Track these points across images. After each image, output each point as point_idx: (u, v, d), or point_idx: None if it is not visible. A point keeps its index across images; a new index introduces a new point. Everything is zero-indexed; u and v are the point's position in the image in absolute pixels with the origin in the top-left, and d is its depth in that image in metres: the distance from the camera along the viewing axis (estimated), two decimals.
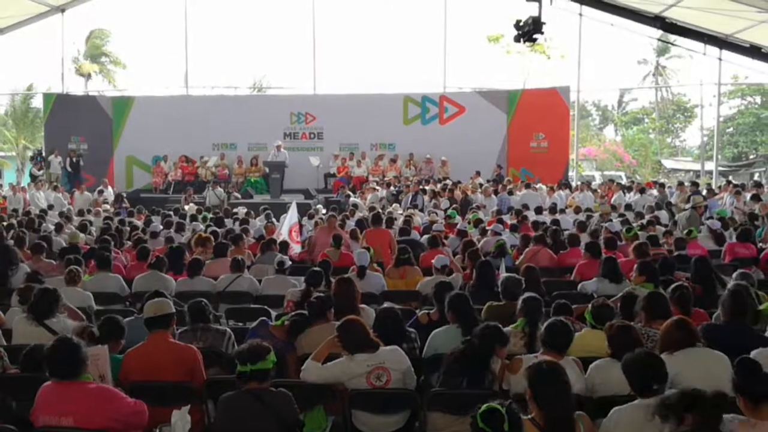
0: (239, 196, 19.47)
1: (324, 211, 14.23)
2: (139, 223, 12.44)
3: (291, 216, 10.04)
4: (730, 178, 25.69)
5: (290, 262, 8.14)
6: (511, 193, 16.60)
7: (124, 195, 18.45)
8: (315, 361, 4.27)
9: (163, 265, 7.48)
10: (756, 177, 29.50)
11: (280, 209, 14.53)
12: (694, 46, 16.33)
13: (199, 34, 36.73)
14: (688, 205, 12.66)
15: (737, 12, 15.94)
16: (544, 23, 12.34)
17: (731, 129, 39.34)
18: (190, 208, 15.45)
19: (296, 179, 20.21)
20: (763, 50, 7.61)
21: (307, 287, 6.27)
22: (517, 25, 12.71)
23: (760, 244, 9.55)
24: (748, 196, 14.71)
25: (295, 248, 9.52)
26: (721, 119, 28.83)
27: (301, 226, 10.77)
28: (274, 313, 6.08)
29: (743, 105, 40.51)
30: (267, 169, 20.05)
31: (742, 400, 3.26)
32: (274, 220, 12.70)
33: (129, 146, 22.49)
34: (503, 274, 6.55)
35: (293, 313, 5.19)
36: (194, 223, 12.35)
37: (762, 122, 39.46)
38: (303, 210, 13.56)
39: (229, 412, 3.69)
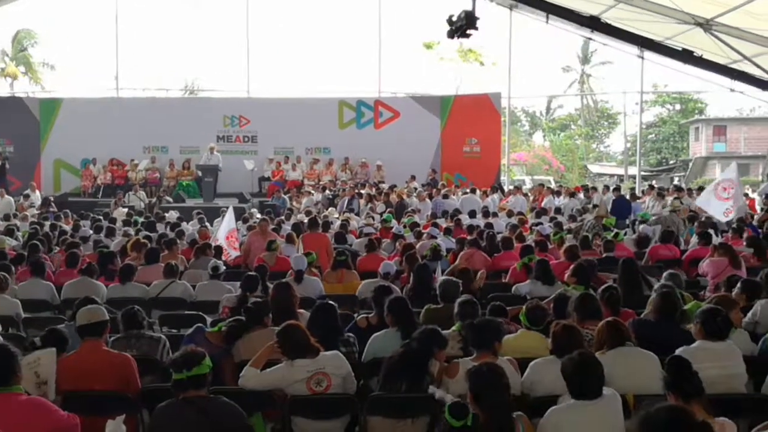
0: (171, 200, 19.05)
1: (259, 215, 14.06)
2: (68, 228, 11.99)
3: (228, 221, 9.88)
4: (653, 182, 26.80)
5: (224, 267, 8.00)
6: (446, 196, 16.82)
7: (52, 199, 17.75)
8: (254, 368, 4.20)
9: (94, 272, 7.25)
10: (676, 181, 30.90)
11: (214, 213, 14.31)
12: (628, 50, 16.84)
13: (129, 36, 35.65)
14: (665, 210, 13.06)
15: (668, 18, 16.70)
16: (478, 18, 12.35)
17: (653, 135, 41.13)
18: (119, 212, 15.00)
19: (230, 183, 19.99)
20: (694, 54, 8.01)
21: (243, 292, 6.18)
22: (450, 21, 12.75)
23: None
24: (670, 199, 15.38)
25: (232, 253, 9.38)
26: (643, 126, 30.04)
27: (237, 231, 10.62)
28: (209, 320, 5.97)
29: (664, 113, 42.40)
30: (200, 173, 19.77)
31: (673, 397, 3.40)
32: (207, 224, 12.50)
33: (57, 149, 21.74)
34: (440, 278, 6.64)
35: (230, 319, 5.10)
36: (125, 227, 12.01)
37: (682, 129, 41.44)
38: (237, 214, 13.37)
39: (165, 422, 3.57)
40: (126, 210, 15.48)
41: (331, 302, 5.06)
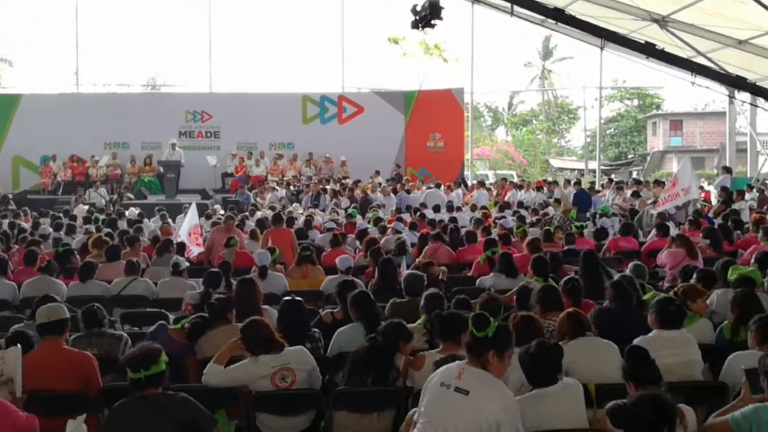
0: (132, 196, 18.81)
1: (222, 211, 13.94)
2: (27, 226, 11.72)
3: (191, 217, 9.77)
4: (612, 176, 27.29)
5: (187, 264, 7.91)
6: (410, 191, 16.88)
7: (10, 197, 17.34)
8: (217, 364, 4.16)
9: (53, 270, 7.10)
10: (635, 175, 31.52)
11: (176, 210, 14.15)
12: (591, 42, 16.94)
13: (90, 31, 34.92)
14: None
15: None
16: (442, 8, 12.33)
17: (612, 130, 41.88)
18: (80, 209, 14.72)
19: (192, 179, 19.78)
20: (656, 47, 8.19)
21: (206, 289, 6.12)
22: (414, 11, 12.71)
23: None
24: (629, 192, 15.70)
25: (195, 250, 9.27)
26: (603, 121, 30.56)
27: (201, 227, 10.52)
28: (172, 317, 5.90)
29: (623, 108, 43.21)
30: (161, 169, 19.55)
31: (632, 386, 3.47)
32: (169, 220, 12.34)
33: (15, 146, 21.24)
34: (405, 272, 6.66)
35: (193, 316, 5.05)
36: (86, 225, 11.79)
37: (640, 124, 42.29)
38: (200, 210, 13.24)
39: (122, 421, 3.48)
40: (87, 207, 15.19)
41: (298, 298, 5.05)
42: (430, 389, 3.28)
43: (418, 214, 12.49)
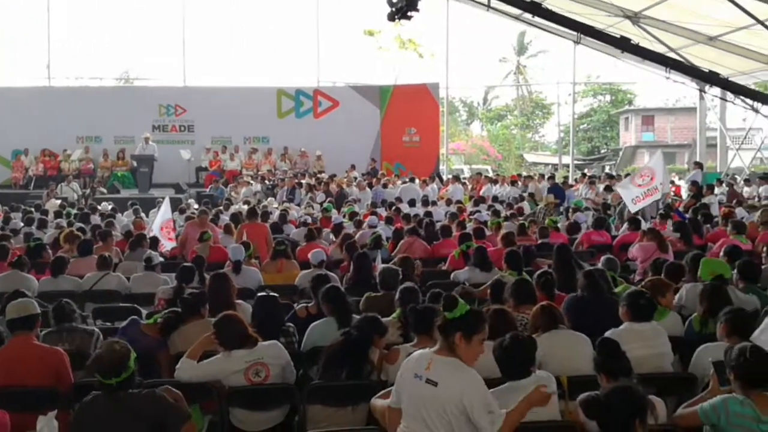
0: (105, 191, 18.64)
1: (196, 205, 13.82)
2: None
3: (164, 212, 9.68)
4: (585, 170, 27.57)
5: (160, 258, 7.84)
6: (385, 186, 16.89)
7: None
8: (190, 359, 4.13)
9: (24, 264, 6.99)
10: (608, 169, 31.88)
11: (149, 204, 14.02)
12: (567, 35, 17.02)
13: (62, 24, 34.26)
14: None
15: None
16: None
17: (585, 125, 42.30)
18: (52, 204, 14.51)
19: (166, 173, 19.63)
20: (631, 41, 8.26)
21: (179, 284, 6.08)
22: (390, 2, 12.63)
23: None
24: (601, 187, 15.88)
25: (167, 245, 9.19)
26: (576, 116, 30.84)
27: (174, 221, 10.42)
28: (144, 312, 5.84)
29: (596, 103, 43.67)
30: (135, 163, 19.42)
31: (604, 378, 3.52)
32: (143, 215, 12.23)
33: None
34: (380, 266, 6.67)
35: (166, 311, 5.01)
36: (58, 219, 11.62)
37: (612, 119, 42.79)
38: (174, 205, 13.12)
39: (89, 419, 3.40)
40: (59, 202, 15.01)
41: (272, 293, 5.03)
42: (405, 381, 3.26)
43: (393, 208, 12.51)
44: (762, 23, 14.74)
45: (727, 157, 23.68)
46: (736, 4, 13.86)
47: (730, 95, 11.82)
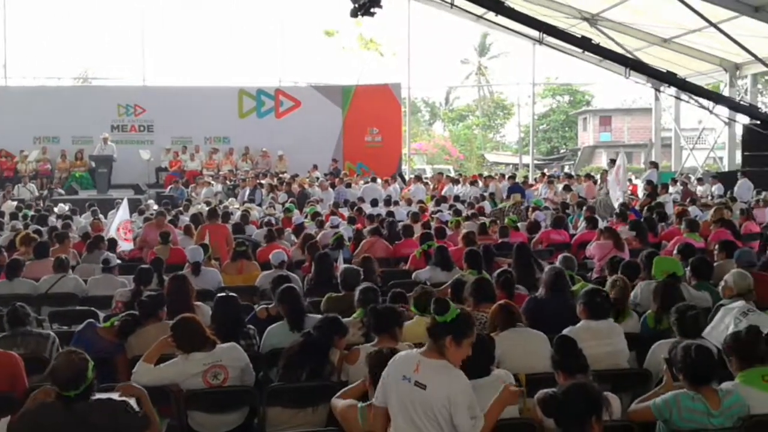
0: (63, 192, 18.32)
1: (155, 206, 13.61)
2: None
3: (121, 212, 9.51)
4: (545, 170, 27.97)
5: (118, 261, 7.70)
6: (348, 186, 16.87)
7: None
8: (147, 363, 4.06)
9: None
10: (567, 169, 32.39)
11: (108, 205, 13.79)
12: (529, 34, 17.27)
13: (19, 22, 33.40)
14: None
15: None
16: None
17: (545, 126, 42.92)
18: (8, 206, 14.14)
19: (125, 174, 19.39)
20: (592, 41, 8.37)
21: (136, 286, 5.98)
22: None
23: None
24: (560, 186, 16.12)
25: (124, 246, 9.02)
26: (536, 117, 31.26)
27: (132, 222, 10.25)
28: (102, 315, 5.73)
29: (554, 104, 44.34)
30: (93, 164, 19.11)
31: (561, 375, 3.57)
32: (101, 216, 12.00)
33: None
34: (342, 266, 6.65)
35: (123, 314, 4.93)
36: (14, 221, 11.32)
37: (570, 120, 43.50)
38: (134, 206, 12.92)
39: (40, 428, 3.29)
40: (15, 203, 14.62)
41: (231, 294, 4.98)
42: (392, 382, 3.20)
43: (356, 208, 12.51)
44: (714, 25, 15.17)
45: (681, 157, 24.28)
46: (689, 7, 14.22)
47: (684, 95, 12.14)
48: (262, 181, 17.16)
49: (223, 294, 4.96)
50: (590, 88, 42.69)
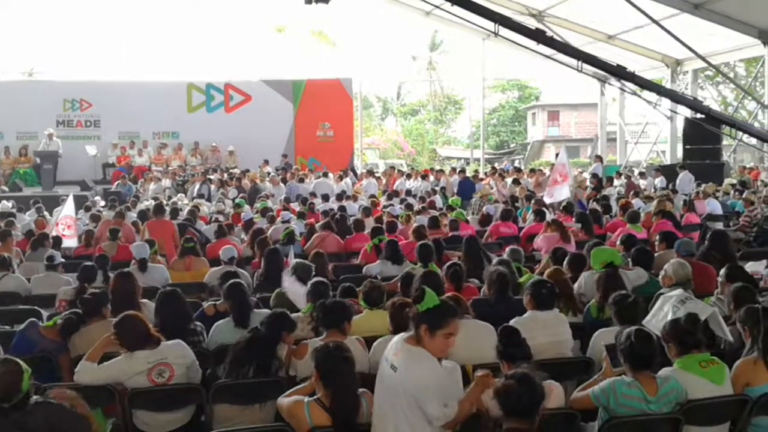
0: (6, 189, 17.91)
1: (102, 203, 13.31)
2: None
3: (66, 208, 9.27)
4: (495, 164, 28.35)
5: (62, 259, 7.49)
6: (301, 180, 16.78)
7: None
8: (90, 362, 3.99)
9: None
10: (516, 163, 32.88)
11: (53, 202, 13.50)
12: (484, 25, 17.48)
13: None
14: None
15: None
16: None
17: (495, 120, 43.45)
18: None
19: (71, 170, 19.00)
20: (546, 33, 8.46)
21: (80, 284, 5.85)
22: None
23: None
24: (510, 180, 16.36)
25: (67, 242, 8.78)
26: (486, 112, 31.61)
27: (77, 219, 10.00)
28: (45, 314, 5.58)
29: (504, 99, 44.92)
30: (38, 160, 18.66)
31: (505, 365, 3.63)
32: (46, 213, 11.70)
33: None
34: (293, 261, 6.62)
35: (66, 313, 4.82)
36: None
37: (520, 114, 44.16)
38: (80, 202, 12.61)
39: None
40: None
41: (175, 289, 4.91)
42: (380, 364, 3.31)
43: (307, 203, 12.47)
44: (656, 22, 15.60)
45: (626, 151, 24.93)
46: (633, 4, 14.58)
47: (628, 89, 12.49)
48: (212, 177, 16.94)
49: (167, 290, 4.88)
50: (538, 84, 43.45)
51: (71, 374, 4.14)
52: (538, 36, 8.29)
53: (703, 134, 16.03)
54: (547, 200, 11.35)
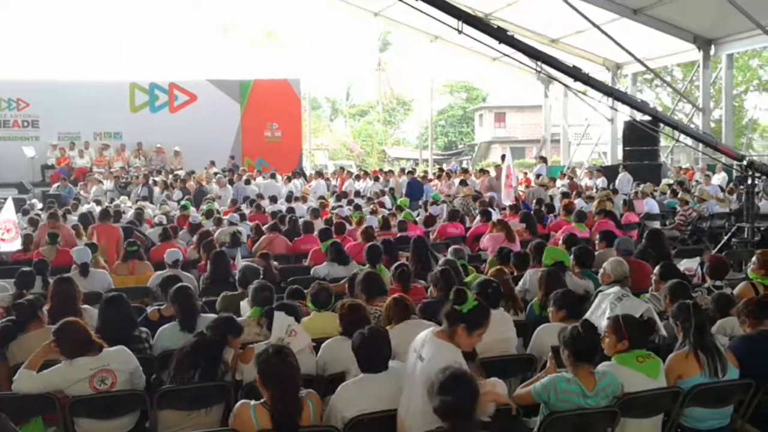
0: None
1: (40, 205, 12.89)
2: None
3: (5, 211, 8.90)
4: (443, 165, 28.63)
5: None
6: (248, 182, 16.61)
7: None
8: (28, 370, 3.87)
9: None
10: (464, 164, 33.29)
11: None
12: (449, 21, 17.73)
13: None
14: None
15: None
16: None
17: (443, 121, 43.90)
18: None
19: (8, 172, 18.45)
20: (508, 32, 8.54)
21: (18, 290, 5.65)
22: None
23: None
24: (457, 181, 16.55)
25: (7, 246, 8.44)
26: (435, 112, 31.92)
27: (17, 223, 9.61)
28: None
29: (452, 100, 45.43)
30: None
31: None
32: None
33: None
34: (239, 264, 6.56)
35: (2, 320, 4.66)
36: None
37: (467, 115, 44.71)
38: (18, 205, 12.15)
39: None
40: None
41: (120, 294, 4.81)
42: (408, 356, 3.43)
43: (255, 204, 12.36)
44: (597, 27, 16.05)
45: (569, 152, 25.52)
46: (575, 9, 14.96)
47: (574, 90, 12.83)
48: (156, 178, 16.61)
49: (111, 295, 4.77)
50: (485, 86, 44.09)
51: (8, 383, 4.01)
52: (500, 35, 8.34)
53: (642, 136, 16.53)
54: (506, 202, 11.58)
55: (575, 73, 9.12)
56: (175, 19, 22.19)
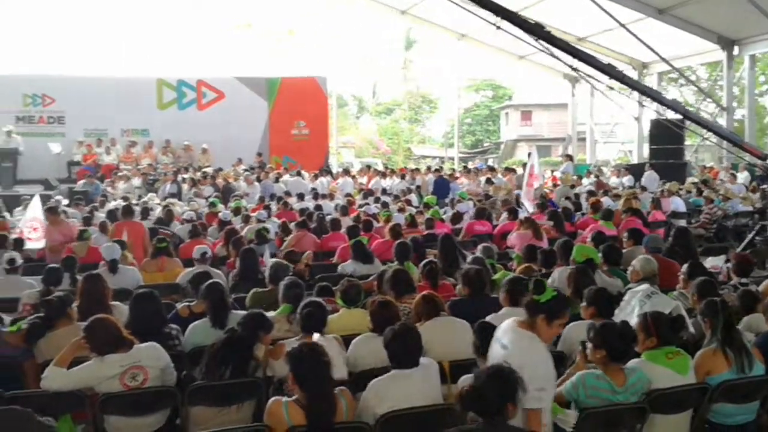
0: None
1: (66, 202, 13.04)
2: None
3: (31, 210, 9.00)
4: (469, 163, 28.49)
5: (21, 261, 7.23)
6: (277, 179, 16.67)
7: None
8: (58, 367, 3.86)
9: None
10: (490, 162, 33.09)
11: (14, 202, 13.16)
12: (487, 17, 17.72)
13: None
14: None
15: None
16: None
17: (469, 120, 43.69)
18: None
19: (33, 168, 18.38)
20: (545, 28, 8.44)
21: (45, 287, 5.68)
22: None
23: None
24: (483, 179, 16.44)
25: (31, 245, 8.53)
26: (461, 111, 31.77)
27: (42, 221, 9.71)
28: (8, 319, 5.42)
29: (478, 98, 45.18)
30: None
31: (482, 360, 3.64)
32: (6, 214, 11.40)
33: None
34: (268, 261, 6.57)
35: (31, 317, 4.69)
36: None
37: (493, 113, 44.45)
38: (44, 202, 12.31)
39: None
40: None
41: (152, 291, 4.81)
42: (491, 347, 3.45)
43: (282, 202, 12.40)
44: (623, 26, 15.81)
45: (595, 150, 25.28)
46: (601, 8, 14.74)
47: (599, 88, 12.65)
48: (184, 176, 16.72)
49: (142, 292, 4.78)
50: (511, 84, 43.76)
51: (37, 381, 4.00)
52: (538, 31, 8.21)
53: (668, 135, 16.33)
54: (526, 203, 11.44)
55: (611, 71, 8.98)
56: (198, 16, 22.35)
